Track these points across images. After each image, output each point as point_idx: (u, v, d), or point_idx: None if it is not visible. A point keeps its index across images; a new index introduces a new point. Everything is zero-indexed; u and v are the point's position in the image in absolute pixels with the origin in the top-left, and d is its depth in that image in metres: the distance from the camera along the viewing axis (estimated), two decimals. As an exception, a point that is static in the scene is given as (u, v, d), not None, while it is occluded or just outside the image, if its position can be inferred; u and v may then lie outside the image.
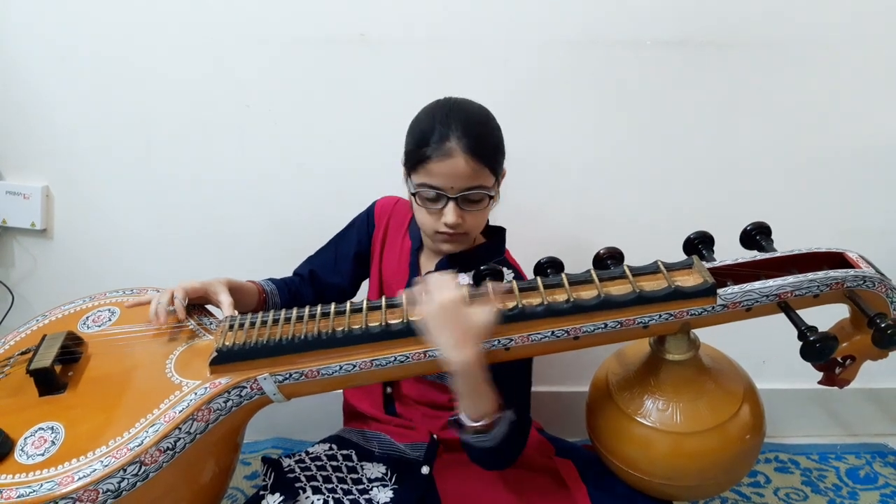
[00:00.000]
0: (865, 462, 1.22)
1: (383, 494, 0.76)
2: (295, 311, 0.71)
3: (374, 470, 0.80)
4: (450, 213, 0.75)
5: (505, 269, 0.83)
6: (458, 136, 0.73)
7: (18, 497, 0.57)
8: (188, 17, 1.03)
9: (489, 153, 0.76)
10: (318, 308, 0.70)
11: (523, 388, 0.79)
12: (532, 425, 0.93)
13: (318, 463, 0.80)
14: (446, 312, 0.64)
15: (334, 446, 0.83)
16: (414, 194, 0.77)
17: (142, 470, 0.59)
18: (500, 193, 0.82)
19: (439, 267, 0.85)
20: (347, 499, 0.74)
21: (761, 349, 1.15)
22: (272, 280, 0.90)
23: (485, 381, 0.67)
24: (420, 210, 0.79)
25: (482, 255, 0.84)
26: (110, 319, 0.77)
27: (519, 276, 0.85)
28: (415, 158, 0.76)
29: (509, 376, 0.73)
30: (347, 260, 0.92)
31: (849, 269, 0.67)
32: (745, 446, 0.73)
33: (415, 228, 0.88)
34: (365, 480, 0.78)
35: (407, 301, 0.68)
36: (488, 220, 0.88)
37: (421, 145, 0.75)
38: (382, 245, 0.91)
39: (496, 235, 0.88)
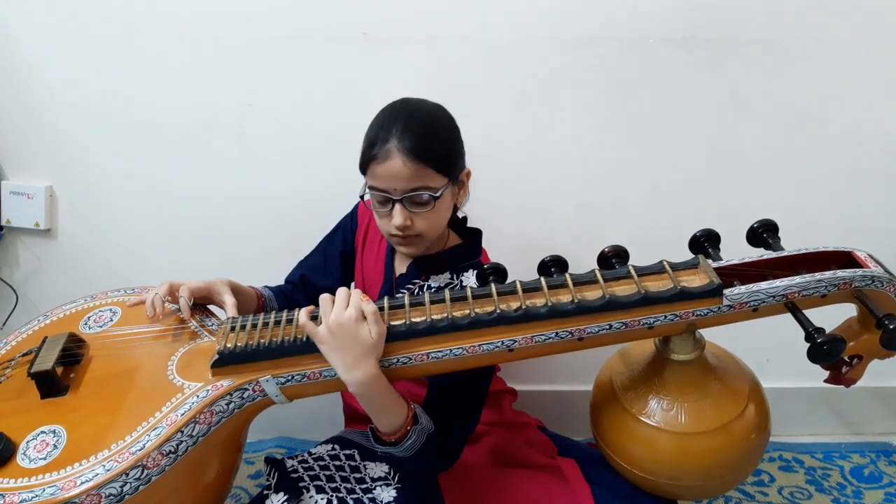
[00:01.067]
0: (870, 461, 1.22)
1: (387, 494, 0.76)
2: (296, 312, 0.70)
3: (378, 469, 0.80)
4: (396, 215, 0.74)
5: (469, 274, 0.82)
6: (397, 137, 0.73)
7: (21, 502, 0.56)
8: (190, 17, 1.03)
9: (431, 154, 0.74)
10: (320, 309, 0.70)
11: (468, 397, 0.77)
12: (533, 424, 0.94)
13: (322, 463, 0.80)
14: (336, 333, 0.64)
15: (337, 446, 0.83)
16: (363, 197, 0.78)
17: (144, 474, 0.59)
18: (469, 192, 0.81)
19: (410, 268, 0.84)
20: (351, 498, 0.74)
21: (765, 347, 1.14)
22: (268, 287, 0.90)
23: (387, 396, 0.67)
24: (375, 213, 0.79)
25: (456, 257, 0.83)
26: (112, 320, 0.77)
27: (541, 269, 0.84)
28: (362, 160, 0.76)
29: (454, 384, 0.73)
30: (335, 261, 0.91)
31: (857, 269, 0.66)
32: (750, 445, 0.73)
33: None
34: (368, 480, 0.78)
35: (306, 317, 0.66)
36: (465, 221, 0.87)
37: (368, 147, 0.75)
38: (363, 245, 0.91)
39: (472, 237, 0.87)
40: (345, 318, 0.64)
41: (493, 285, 0.69)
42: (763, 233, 0.72)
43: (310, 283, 0.91)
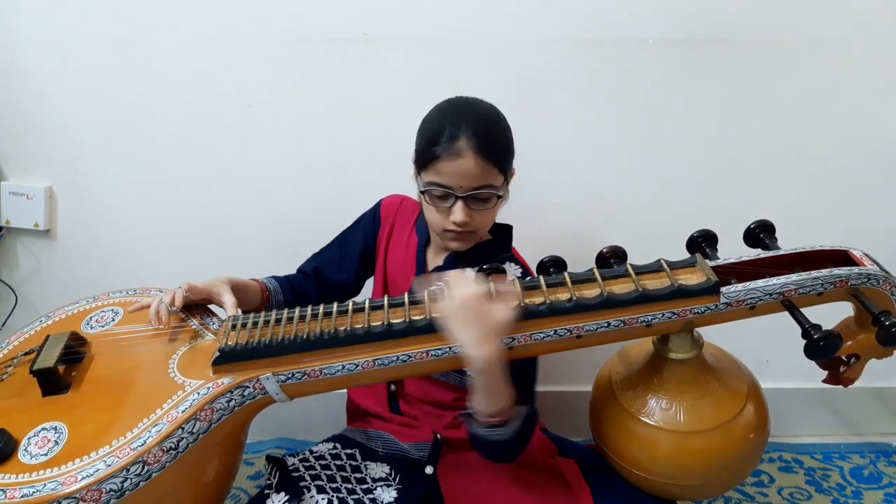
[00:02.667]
0: (869, 461, 1.22)
1: (387, 494, 0.76)
2: (297, 310, 0.71)
3: (378, 469, 0.80)
4: (458, 212, 0.76)
5: (512, 265, 0.83)
6: (468, 135, 0.74)
7: (22, 497, 0.57)
8: (190, 18, 1.03)
9: (498, 153, 0.76)
10: (321, 308, 0.70)
11: (531, 384, 0.80)
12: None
13: (323, 462, 0.80)
14: (468, 309, 0.64)
15: (338, 446, 0.83)
16: (423, 192, 0.78)
17: (145, 470, 0.59)
18: (509, 192, 0.82)
19: (446, 262, 0.85)
20: (352, 498, 0.74)
21: (764, 348, 1.15)
22: (275, 278, 0.90)
23: (503, 377, 0.67)
24: (429, 208, 0.79)
25: (489, 252, 0.85)
26: (114, 320, 0.77)
27: (526, 272, 0.85)
28: (425, 157, 0.76)
29: (519, 373, 0.73)
30: (353, 257, 0.92)
31: (853, 267, 0.66)
32: (749, 445, 0.73)
33: (421, 225, 0.89)
34: (369, 480, 0.78)
35: (429, 298, 0.67)
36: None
37: (431, 144, 0.75)
38: (388, 243, 0.91)
39: (503, 233, 0.88)
40: (476, 292, 0.64)
41: (492, 284, 0.69)
42: (760, 233, 0.73)
43: (322, 277, 0.92)
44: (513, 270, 0.83)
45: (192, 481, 0.66)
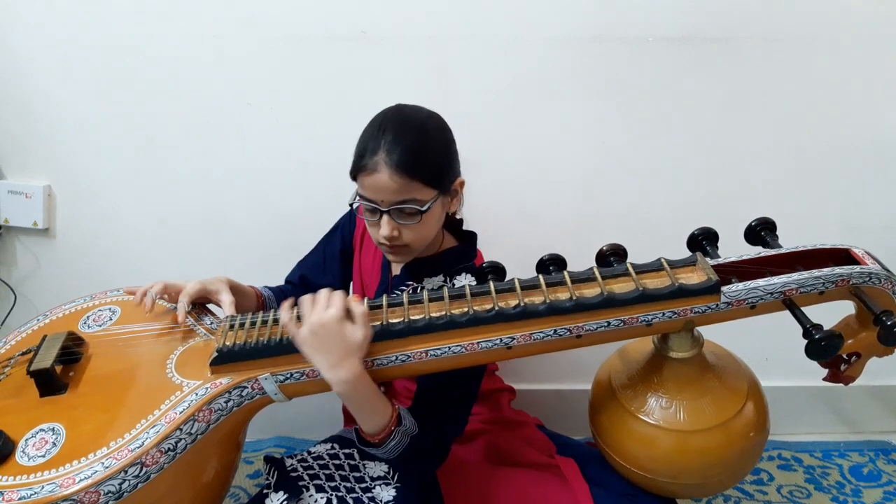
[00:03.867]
0: (869, 459, 1.22)
1: (386, 493, 0.76)
2: (295, 311, 0.70)
3: (377, 469, 0.80)
4: (383, 226, 0.74)
5: (468, 276, 0.81)
6: (385, 149, 0.71)
7: (20, 499, 0.57)
8: (190, 17, 1.03)
9: (420, 168, 0.72)
10: (319, 307, 0.70)
11: (457, 399, 0.77)
12: (532, 423, 0.94)
13: (321, 462, 0.80)
14: (319, 333, 0.64)
15: (336, 446, 0.83)
16: (351, 205, 0.77)
17: (143, 471, 0.59)
18: (463, 200, 0.80)
19: (403, 271, 0.84)
20: (350, 497, 0.74)
21: (764, 346, 1.14)
22: (269, 287, 0.90)
23: (371, 397, 0.67)
24: (365, 220, 0.78)
25: (450, 260, 0.83)
26: (111, 319, 0.77)
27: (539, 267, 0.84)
28: (352, 169, 0.75)
29: (444, 385, 0.73)
30: (335, 260, 0.91)
31: (854, 266, 0.66)
32: (748, 444, 0.73)
33: None
34: (368, 479, 0.78)
35: (288, 316, 0.66)
36: (461, 223, 0.87)
37: (358, 157, 0.74)
38: (361, 245, 0.91)
39: (467, 240, 0.87)
40: (327, 317, 0.64)
41: (491, 283, 0.69)
42: (761, 231, 0.72)
43: (309, 283, 0.91)
44: (468, 280, 0.81)
45: (190, 482, 0.66)
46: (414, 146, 0.73)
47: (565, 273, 0.70)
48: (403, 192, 0.72)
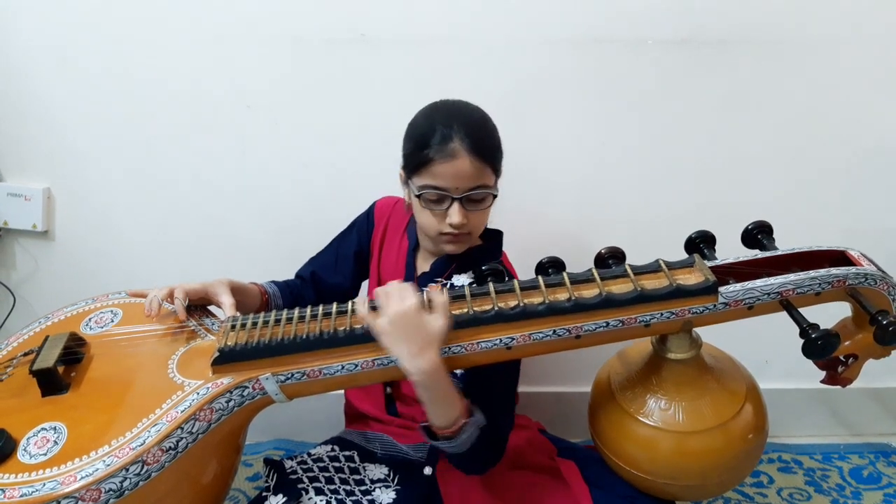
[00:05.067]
0: (869, 462, 1.22)
1: (386, 495, 0.76)
2: (297, 310, 0.71)
3: (377, 471, 0.80)
4: (455, 214, 0.75)
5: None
6: (461, 136, 0.74)
7: (21, 496, 0.57)
8: (188, 18, 1.03)
9: (491, 152, 0.77)
10: (320, 308, 0.70)
11: (503, 393, 0.78)
12: (533, 427, 0.94)
13: (321, 464, 0.80)
14: (399, 323, 0.64)
15: (336, 447, 0.84)
16: (418, 196, 0.77)
17: (144, 469, 0.59)
18: (501, 192, 0.82)
19: (434, 267, 0.85)
20: (350, 500, 0.74)
21: (764, 349, 1.15)
22: (274, 282, 0.90)
23: (447, 388, 0.67)
24: (423, 212, 0.79)
25: (479, 257, 0.84)
26: (113, 321, 0.77)
27: (512, 279, 0.85)
28: (417, 161, 0.76)
29: (490, 380, 0.73)
30: (348, 259, 0.92)
31: (850, 267, 0.67)
32: (747, 446, 0.73)
33: (412, 228, 0.89)
34: (367, 481, 0.78)
35: (366, 308, 0.67)
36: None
37: (422, 147, 0.75)
38: (381, 245, 0.91)
39: (493, 238, 0.88)
40: (408, 307, 0.64)
41: (491, 284, 0.70)
42: (757, 234, 0.73)
43: (320, 280, 0.92)
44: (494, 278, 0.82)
45: (190, 482, 0.66)
46: (486, 132, 0.77)
47: (564, 274, 0.70)
48: (478, 178, 0.75)
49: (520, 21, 1.02)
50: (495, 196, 0.79)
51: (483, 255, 0.85)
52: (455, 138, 0.74)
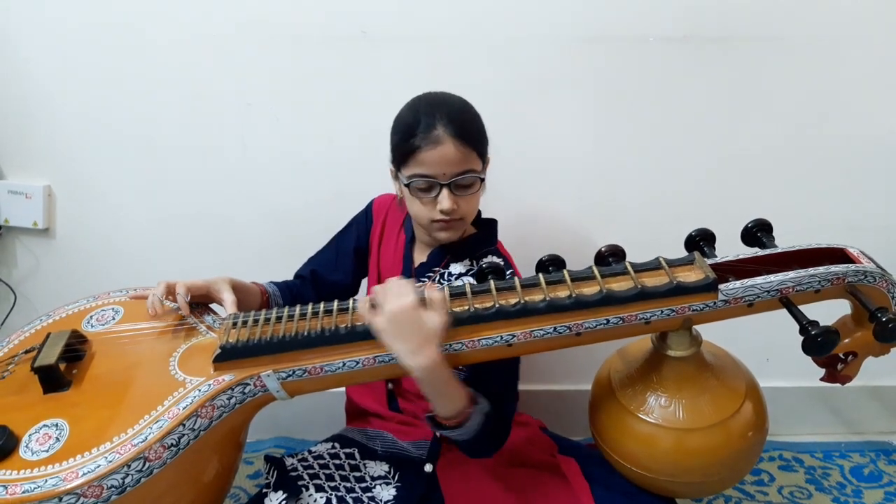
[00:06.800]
0: (870, 460, 1.22)
1: (386, 492, 0.76)
2: (298, 308, 0.71)
3: (378, 468, 0.80)
4: (444, 200, 0.76)
5: (494, 258, 0.84)
6: (444, 123, 0.75)
7: (23, 493, 0.57)
8: (189, 17, 1.04)
9: (475, 137, 0.78)
10: (322, 305, 0.71)
11: (507, 379, 0.80)
12: (534, 424, 0.94)
13: (321, 461, 0.80)
14: (397, 321, 0.65)
15: (337, 445, 0.84)
16: (407, 185, 0.78)
17: (146, 466, 0.59)
18: (486, 183, 0.82)
19: (431, 257, 0.86)
20: (350, 497, 0.74)
21: (765, 347, 1.15)
22: (274, 283, 0.91)
23: (449, 381, 0.68)
24: (414, 202, 0.79)
25: (474, 245, 0.85)
26: (114, 318, 0.77)
27: (509, 265, 0.86)
28: (403, 151, 0.77)
29: (492, 367, 0.73)
30: (348, 256, 0.92)
31: (850, 265, 0.67)
32: (747, 443, 0.73)
33: (409, 222, 0.89)
34: (368, 478, 0.78)
35: (366, 306, 0.67)
36: (480, 212, 0.88)
37: (408, 137, 0.76)
38: (380, 241, 0.92)
39: (488, 226, 0.89)
40: (405, 304, 0.65)
41: (491, 282, 0.70)
42: (757, 232, 0.73)
43: (320, 279, 0.92)
44: (495, 260, 0.83)
45: (192, 479, 0.66)
46: (468, 118, 0.78)
47: (565, 272, 0.70)
48: (464, 163, 0.76)
49: (520, 18, 1.02)
50: (483, 180, 0.80)
51: (478, 243, 0.86)
52: (438, 125, 0.75)
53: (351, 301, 0.71)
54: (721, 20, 1.01)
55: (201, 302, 0.78)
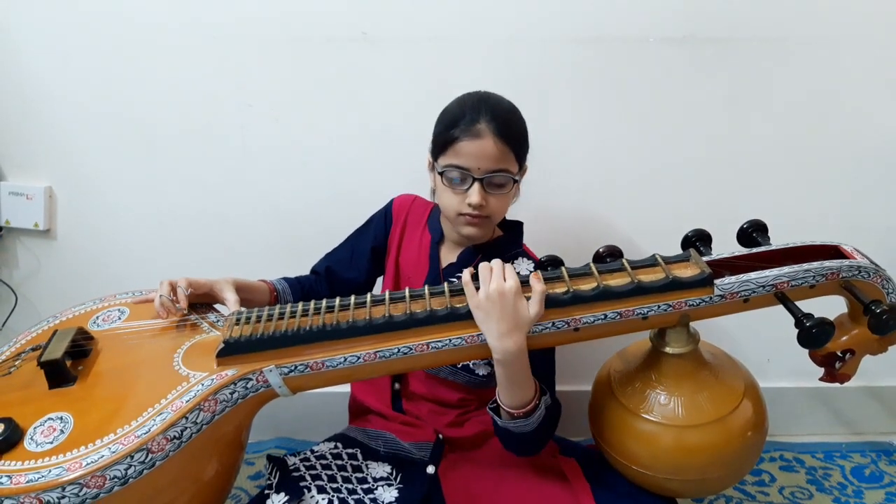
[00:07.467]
0: (871, 461, 1.22)
1: (388, 494, 0.76)
2: (300, 305, 0.72)
3: (380, 469, 0.80)
4: (474, 194, 0.77)
5: (524, 259, 0.85)
6: (487, 118, 0.77)
7: (27, 482, 0.57)
8: (190, 18, 1.04)
9: (516, 138, 0.79)
10: (324, 302, 0.71)
11: (551, 373, 0.82)
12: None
13: (324, 462, 0.80)
14: (495, 301, 0.66)
15: (339, 445, 0.84)
16: (441, 173, 0.79)
17: (148, 457, 0.60)
18: (520, 190, 0.84)
19: (461, 257, 0.86)
20: (352, 498, 0.74)
21: (765, 348, 1.15)
22: (285, 279, 0.91)
23: (526, 370, 0.69)
24: (445, 192, 0.80)
25: (502, 247, 0.86)
26: (120, 318, 0.78)
27: (538, 267, 0.86)
28: (443, 140, 0.78)
29: (539, 362, 0.74)
30: (364, 255, 0.93)
31: (844, 260, 0.67)
32: (746, 442, 0.73)
33: (434, 223, 0.90)
34: (370, 480, 0.78)
35: (468, 277, 0.68)
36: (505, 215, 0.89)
37: (450, 127, 0.78)
38: (400, 241, 0.92)
39: (514, 229, 0.90)
40: (506, 288, 0.66)
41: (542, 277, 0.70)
42: (752, 232, 0.74)
43: (334, 275, 0.93)
44: (525, 266, 0.85)
45: (193, 475, 0.66)
46: (512, 119, 0.80)
47: (562, 268, 0.71)
48: (500, 161, 0.77)
49: (521, 19, 1.02)
50: (516, 182, 0.80)
51: (506, 244, 0.87)
52: (482, 120, 0.76)
53: (352, 298, 0.72)
54: (721, 21, 1.01)
55: (205, 301, 0.79)
